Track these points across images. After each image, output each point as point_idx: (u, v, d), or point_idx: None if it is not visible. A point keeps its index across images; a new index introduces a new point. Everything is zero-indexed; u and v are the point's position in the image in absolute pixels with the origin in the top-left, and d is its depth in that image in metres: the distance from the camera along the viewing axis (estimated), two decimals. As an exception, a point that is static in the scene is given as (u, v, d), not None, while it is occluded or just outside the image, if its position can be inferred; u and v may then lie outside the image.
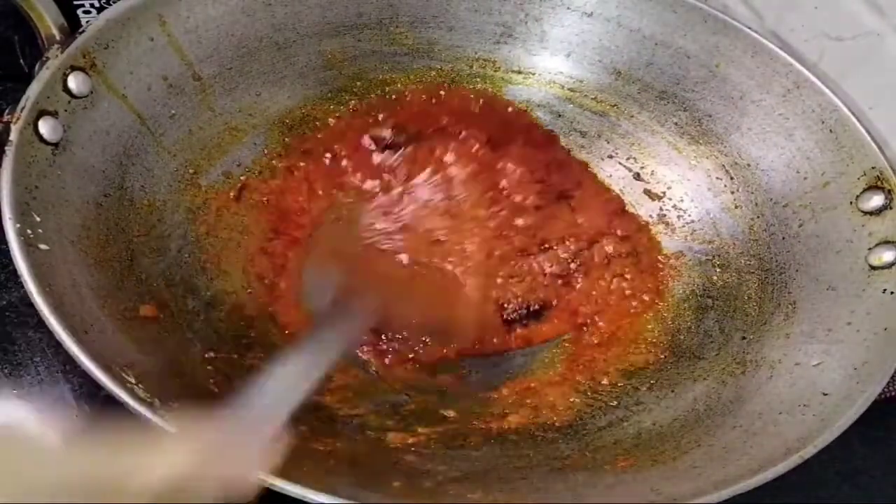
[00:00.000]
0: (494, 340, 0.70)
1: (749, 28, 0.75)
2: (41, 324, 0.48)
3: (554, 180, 0.78)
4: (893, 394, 0.69)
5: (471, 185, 0.73)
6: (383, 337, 0.67)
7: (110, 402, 0.60)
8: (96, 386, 0.46)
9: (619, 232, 0.76)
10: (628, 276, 0.73)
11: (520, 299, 0.72)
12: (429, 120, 0.78)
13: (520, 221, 0.74)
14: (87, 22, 0.64)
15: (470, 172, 0.74)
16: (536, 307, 0.72)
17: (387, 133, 0.76)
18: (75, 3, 0.76)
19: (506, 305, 0.71)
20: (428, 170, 0.74)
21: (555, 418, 0.63)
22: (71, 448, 0.40)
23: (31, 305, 0.65)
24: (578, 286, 0.73)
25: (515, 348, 0.70)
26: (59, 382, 0.63)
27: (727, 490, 0.48)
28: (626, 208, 0.79)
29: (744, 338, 0.66)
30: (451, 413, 0.62)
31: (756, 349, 0.64)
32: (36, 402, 0.63)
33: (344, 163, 0.74)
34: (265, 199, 0.72)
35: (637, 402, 0.64)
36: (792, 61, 0.73)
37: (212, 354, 0.60)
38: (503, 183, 0.75)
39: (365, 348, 0.66)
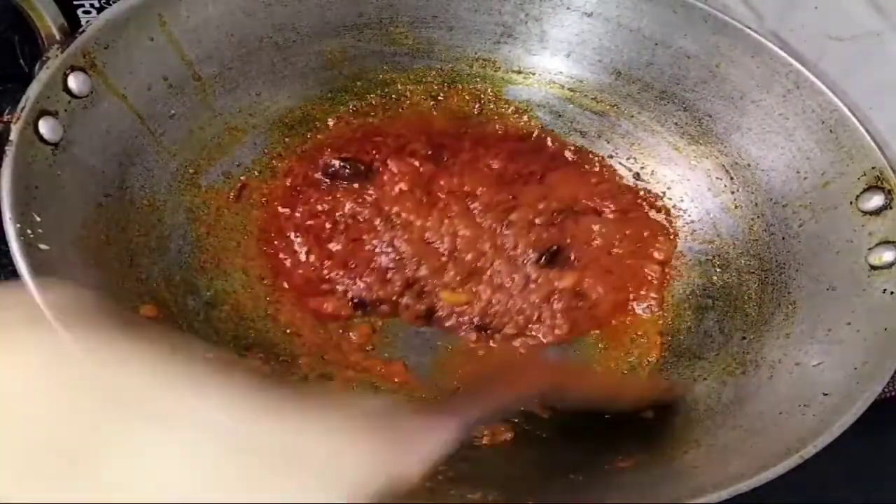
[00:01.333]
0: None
1: (749, 28, 0.75)
2: (41, 323, 0.48)
3: (515, 168, 0.79)
4: (893, 394, 0.69)
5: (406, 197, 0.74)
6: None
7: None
8: None
9: (597, 199, 0.78)
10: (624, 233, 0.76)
11: (531, 247, 0.72)
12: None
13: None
14: (87, 22, 0.64)
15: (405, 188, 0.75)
16: (553, 248, 0.72)
17: (336, 163, 0.75)
18: (75, 2, 0.76)
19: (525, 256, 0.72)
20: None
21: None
22: None
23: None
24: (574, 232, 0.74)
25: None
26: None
27: (727, 490, 0.48)
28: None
29: (744, 338, 0.66)
30: None
31: (756, 349, 0.64)
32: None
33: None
34: (265, 199, 0.72)
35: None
36: (792, 61, 0.73)
37: (210, 356, 0.60)
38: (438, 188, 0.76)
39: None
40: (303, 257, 0.69)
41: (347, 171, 0.74)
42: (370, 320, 0.68)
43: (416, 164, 0.76)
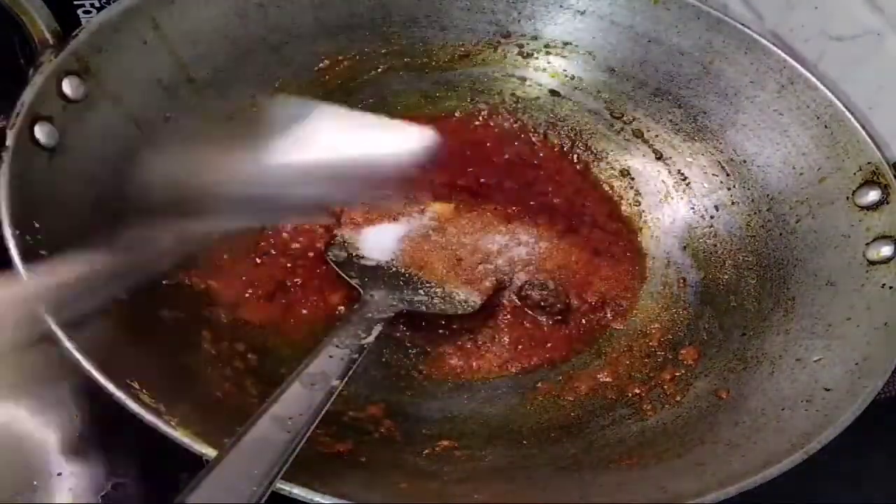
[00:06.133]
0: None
1: (742, 24, 0.75)
2: (41, 323, 0.47)
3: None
4: (893, 394, 0.69)
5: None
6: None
7: (111, 402, 0.60)
8: (97, 386, 0.46)
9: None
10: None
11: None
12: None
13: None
14: (87, 23, 0.64)
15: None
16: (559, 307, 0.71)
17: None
18: (76, 2, 0.76)
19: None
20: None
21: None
22: None
23: (31, 304, 0.64)
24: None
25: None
26: (59, 382, 0.63)
27: (733, 487, 0.48)
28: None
29: (744, 334, 0.66)
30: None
31: (756, 345, 0.64)
32: (36, 402, 0.62)
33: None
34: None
35: (639, 399, 0.64)
36: (785, 57, 0.73)
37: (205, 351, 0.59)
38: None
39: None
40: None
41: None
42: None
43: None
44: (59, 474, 0.59)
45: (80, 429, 0.62)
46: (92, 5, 0.77)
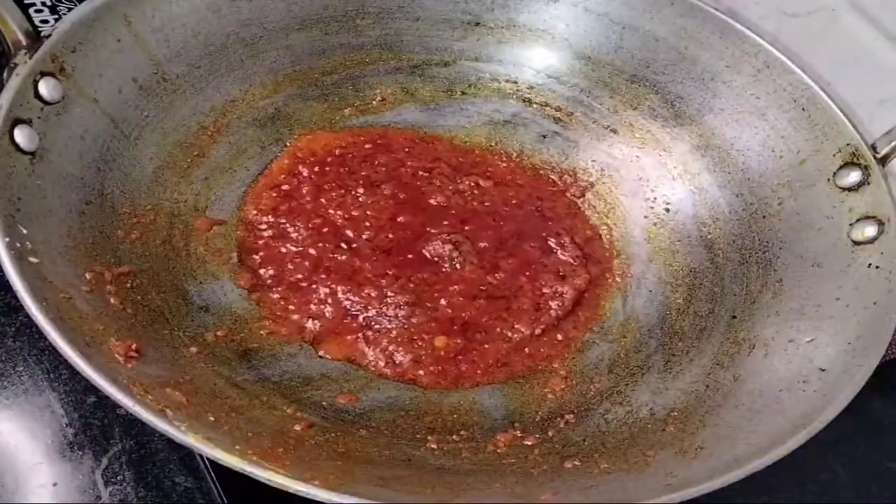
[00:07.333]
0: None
1: (715, 9, 0.76)
2: (20, 332, 0.46)
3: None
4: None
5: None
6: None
7: (99, 407, 0.59)
8: (84, 392, 0.45)
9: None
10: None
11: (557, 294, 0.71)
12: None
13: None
14: (40, 21, 0.62)
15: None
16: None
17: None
18: (26, 1, 0.75)
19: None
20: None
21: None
22: None
23: (7, 314, 0.63)
24: None
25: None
26: (44, 391, 0.61)
27: (742, 469, 0.48)
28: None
29: (734, 316, 0.66)
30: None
31: (748, 328, 0.65)
32: (23, 412, 0.61)
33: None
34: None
35: (634, 386, 0.64)
36: (761, 41, 0.74)
37: (200, 353, 0.59)
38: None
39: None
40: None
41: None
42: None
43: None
44: (55, 485, 0.58)
45: (73, 432, 0.60)
46: (43, 3, 0.75)
